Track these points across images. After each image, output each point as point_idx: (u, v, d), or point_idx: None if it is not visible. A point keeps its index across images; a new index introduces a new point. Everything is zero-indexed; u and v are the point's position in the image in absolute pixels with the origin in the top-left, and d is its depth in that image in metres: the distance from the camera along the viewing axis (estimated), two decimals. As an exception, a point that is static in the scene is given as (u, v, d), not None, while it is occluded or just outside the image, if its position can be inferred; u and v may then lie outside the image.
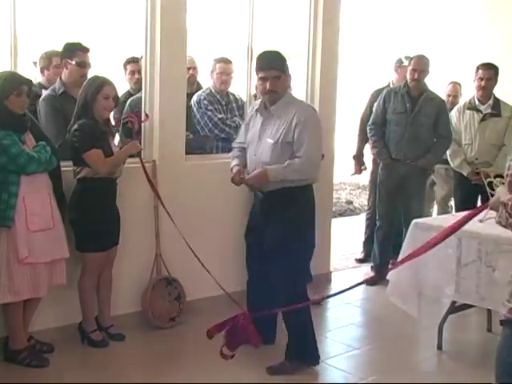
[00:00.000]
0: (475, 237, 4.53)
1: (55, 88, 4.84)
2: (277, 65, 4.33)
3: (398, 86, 6.36)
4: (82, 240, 4.52)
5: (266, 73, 4.28)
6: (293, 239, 4.33)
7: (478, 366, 4.61)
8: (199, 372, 4.34)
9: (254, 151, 4.40)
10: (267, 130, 4.35)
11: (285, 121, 4.30)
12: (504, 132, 6.12)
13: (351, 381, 4.29)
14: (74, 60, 4.76)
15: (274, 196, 4.31)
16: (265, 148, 4.32)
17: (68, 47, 4.88)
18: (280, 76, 4.30)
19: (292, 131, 4.27)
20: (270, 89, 4.28)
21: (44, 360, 4.31)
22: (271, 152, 4.29)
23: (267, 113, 4.37)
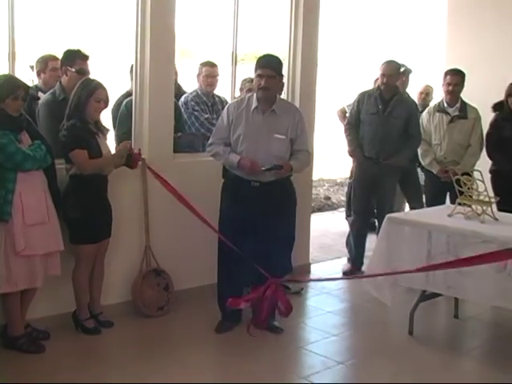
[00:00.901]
0: (444, 230, 4.59)
1: (55, 93, 4.79)
2: (273, 66, 4.56)
3: (372, 89, 6.37)
4: (75, 233, 4.50)
5: (262, 71, 4.50)
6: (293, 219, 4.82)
7: (446, 350, 4.70)
8: (186, 358, 4.35)
9: (257, 145, 4.51)
10: (273, 126, 4.56)
11: (288, 119, 4.62)
12: (470, 133, 6.12)
13: (330, 365, 4.30)
14: (74, 68, 4.72)
15: (273, 185, 4.55)
16: (276, 143, 4.56)
17: (68, 55, 4.84)
18: (275, 76, 4.54)
19: (296, 128, 4.64)
20: (265, 85, 4.48)
21: (40, 346, 4.31)
22: (282, 146, 4.59)
23: (270, 111, 4.57)
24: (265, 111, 4.58)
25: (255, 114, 4.58)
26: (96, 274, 4.70)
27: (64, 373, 4.06)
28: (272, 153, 4.52)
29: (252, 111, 4.58)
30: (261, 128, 4.55)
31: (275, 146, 4.55)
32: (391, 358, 4.60)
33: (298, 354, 4.55)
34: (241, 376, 4.14)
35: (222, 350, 4.61)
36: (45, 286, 4.36)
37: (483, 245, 4.34)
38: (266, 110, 4.57)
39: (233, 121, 4.60)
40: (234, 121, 4.59)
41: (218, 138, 4.67)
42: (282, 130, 4.57)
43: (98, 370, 4.14)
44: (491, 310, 5.29)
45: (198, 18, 7.48)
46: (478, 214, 4.70)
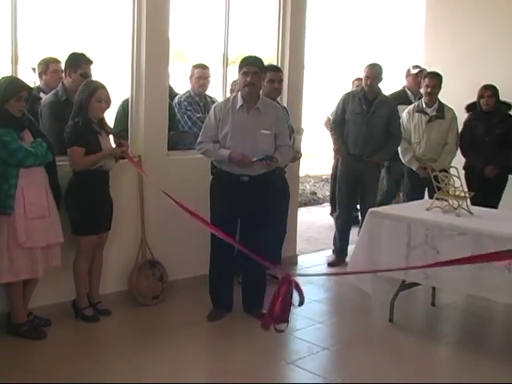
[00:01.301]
0: (422, 223, 4.60)
1: (58, 93, 4.79)
2: (257, 63, 4.64)
3: (356, 90, 6.39)
4: (76, 225, 4.52)
5: (248, 68, 4.56)
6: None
7: (424, 336, 4.74)
8: (179, 344, 4.37)
9: (244, 140, 4.55)
10: (259, 123, 4.61)
11: (271, 115, 4.69)
12: (447, 132, 6.16)
13: (315, 350, 4.33)
14: (79, 71, 4.71)
15: (262, 178, 4.62)
16: (262, 138, 4.61)
17: (73, 58, 4.82)
18: (259, 73, 4.61)
19: (278, 124, 4.72)
20: (251, 81, 4.54)
21: (42, 333, 4.33)
22: (268, 141, 4.64)
23: (255, 109, 4.61)
24: (250, 109, 4.62)
25: (241, 112, 4.61)
26: (95, 265, 4.71)
27: (65, 358, 4.07)
28: (258, 147, 4.56)
29: (238, 109, 4.61)
30: (247, 124, 4.59)
31: (262, 141, 4.60)
32: (372, 343, 4.64)
33: (286, 340, 4.54)
34: (231, 361, 4.18)
35: (213, 336, 4.63)
36: (46, 276, 4.37)
37: (459, 237, 4.39)
38: (250, 107, 4.61)
39: (220, 120, 4.62)
40: (222, 119, 4.61)
41: (206, 136, 4.68)
42: (267, 125, 4.63)
43: (96, 355, 4.17)
44: (465, 299, 5.33)
45: (190, 22, 7.47)
46: (454, 208, 4.74)
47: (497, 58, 6.66)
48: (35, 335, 4.28)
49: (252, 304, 4.88)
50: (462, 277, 4.38)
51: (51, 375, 3.83)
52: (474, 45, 6.90)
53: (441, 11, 7.31)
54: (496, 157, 5.92)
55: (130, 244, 5.04)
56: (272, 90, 5.42)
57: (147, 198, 5.10)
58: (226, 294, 4.87)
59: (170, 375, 3.90)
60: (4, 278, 4.14)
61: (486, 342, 4.63)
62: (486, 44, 6.81)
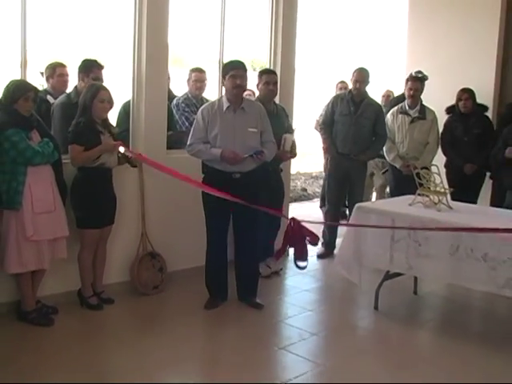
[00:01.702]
0: (405, 217, 4.60)
1: (70, 96, 4.80)
2: (243, 66, 4.68)
3: (344, 93, 6.42)
4: (80, 218, 4.55)
5: (236, 71, 4.59)
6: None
7: (407, 322, 4.76)
8: (178, 330, 4.39)
9: (234, 139, 4.57)
10: (246, 122, 4.63)
11: (255, 115, 4.70)
12: (428, 132, 6.19)
13: (305, 336, 4.36)
14: (91, 76, 4.73)
15: (254, 174, 4.66)
16: (250, 136, 4.64)
17: (86, 64, 4.86)
18: (245, 75, 4.65)
19: (262, 122, 4.74)
20: (240, 83, 4.57)
21: (50, 320, 4.36)
22: (256, 138, 4.68)
23: (240, 109, 4.64)
24: (236, 109, 4.63)
25: (228, 113, 4.62)
26: (99, 257, 4.73)
27: (71, 342, 4.10)
28: (247, 144, 4.60)
29: (225, 111, 4.62)
30: (235, 124, 4.61)
31: (250, 139, 4.63)
32: (359, 329, 4.69)
33: (277, 327, 4.57)
34: (226, 346, 4.21)
35: (209, 323, 4.64)
36: (54, 267, 4.40)
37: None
38: (236, 108, 4.63)
39: (209, 122, 4.62)
40: (210, 122, 4.61)
41: (196, 138, 4.66)
42: (253, 124, 4.66)
43: (100, 340, 4.20)
44: (445, 287, 5.36)
45: (188, 29, 7.49)
46: (435, 203, 4.76)
47: (473, 64, 6.70)
48: (43, 322, 4.31)
49: (246, 293, 4.91)
50: (441, 267, 4.41)
51: (58, 358, 3.87)
52: (452, 52, 6.94)
53: (422, 21, 7.36)
54: (474, 155, 5.95)
55: (132, 237, 5.06)
56: (268, 91, 5.44)
57: (148, 195, 5.12)
58: (221, 284, 4.90)
59: (169, 359, 3.93)
60: (13, 269, 4.19)
61: (463, 327, 4.66)
62: (464, 51, 6.85)
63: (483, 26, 6.80)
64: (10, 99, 4.10)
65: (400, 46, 8.01)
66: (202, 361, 4.04)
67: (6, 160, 4.09)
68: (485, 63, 6.79)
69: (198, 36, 7.83)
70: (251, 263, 4.86)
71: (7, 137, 4.05)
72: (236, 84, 4.56)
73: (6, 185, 4.09)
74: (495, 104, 6.79)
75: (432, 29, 7.22)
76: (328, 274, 5.80)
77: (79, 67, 4.89)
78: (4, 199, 4.09)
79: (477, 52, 6.81)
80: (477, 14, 6.86)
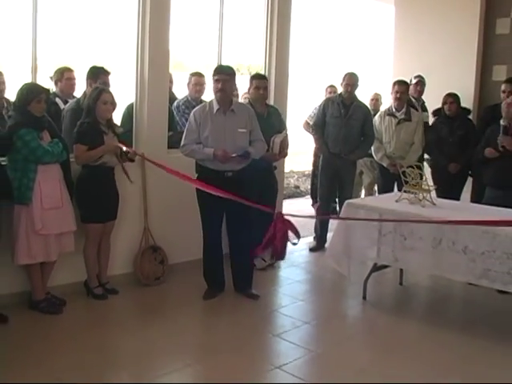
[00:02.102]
0: (392, 213, 4.62)
1: (79, 101, 4.82)
2: (227, 71, 4.66)
3: (334, 96, 6.43)
4: (84, 213, 4.57)
5: (219, 76, 4.60)
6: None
7: (393, 311, 4.79)
8: (178, 319, 4.42)
9: (225, 139, 4.57)
10: (235, 123, 4.63)
11: (244, 116, 4.70)
12: (414, 133, 6.22)
13: (298, 324, 4.38)
14: (98, 81, 4.75)
15: (245, 172, 4.67)
16: (239, 136, 4.64)
17: (93, 70, 4.88)
18: (229, 79, 4.62)
19: (251, 122, 4.74)
20: (221, 87, 4.55)
21: (59, 308, 4.40)
22: (245, 138, 4.68)
23: (230, 111, 4.63)
24: (226, 111, 4.63)
25: (218, 115, 4.62)
26: (103, 250, 4.76)
27: (78, 330, 4.14)
28: (237, 144, 4.61)
29: (215, 113, 4.62)
30: (225, 125, 4.61)
31: (239, 139, 4.64)
32: (348, 318, 4.73)
33: (272, 316, 4.60)
34: (223, 334, 4.23)
35: (207, 312, 4.67)
36: (62, 259, 4.43)
37: (423, 224, 4.39)
38: (226, 110, 4.63)
39: (200, 123, 4.61)
40: (202, 123, 4.61)
41: (189, 139, 4.65)
42: (243, 124, 4.67)
43: (105, 328, 4.22)
44: (429, 278, 5.39)
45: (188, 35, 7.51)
46: (420, 199, 4.79)
47: (456, 69, 6.73)
48: (53, 310, 4.35)
49: (242, 285, 4.92)
50: (425, 259, 4.44)
51: (67, 343, 3.91)
52: (437, 58, 6.96)
53: (408, 29, 7.39)
54: (458, 155, 5.97)
55: (135, 232, 5.09)
56: (258, 95, 5.48)
57: (150, 191, 5.15)
58: (218, 276, 4.92)
59: (170, 346, 3.97)
60: (23, 260, 4.23)
61: (445, 315, 4.70)
62: (448, 57, 6.88)
63: (466, 33, 6.85)
64: (24, 101, 4.13)
65: (387, 52, 8.04)
66: (201, 347, 4.06)
67: (18, 158, 4.13)
68: (466, 68, 6.84)
69: (198, 42, 7.85)
70: (245, 257, 4.85)
71: (20, 136, 4.09)
72: (218, 88, 4.56)
73: (18, 181, 4.13)
74: (475, 107, 6.84)
75: (417, 35, 7.26)
76: (319, 266, 5.81)
77: (87, 74, 4.92)
78: (15, 195, 4.12)
79: (458, 58, 6.85)
80: (458, 22, 6.90)
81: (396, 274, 5.39)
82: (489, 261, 4.12)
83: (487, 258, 4.13)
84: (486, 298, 4.94)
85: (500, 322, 4.58)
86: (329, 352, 4.01)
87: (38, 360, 3.67)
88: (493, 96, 6.47)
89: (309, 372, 3.75)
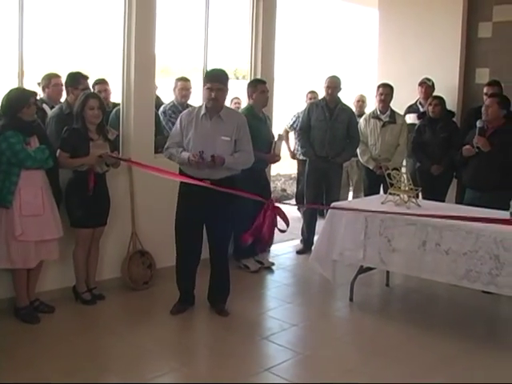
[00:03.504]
0: (377, 215, 4.62)
1: (62, 107, 4.84)
2: (222, 80, 4.45)
3: (318, 100, 6.48)
4: (73, 218, 4.57)
5: (212, 85, 4.38)
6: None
7: (379, 313, 4.85)
8: (166, 322, 4.44)
9: (205, 145, 4.35)
10: (220, 130, 4.42)
11: (232, 124, 4.47)
12: (398, 135, 6.29)
13: (285, 327, 4.40)
14: (80, 87, 4.76)
15: (224, 181, 4.42)
16: (222, 144, 4.41)
17: (72, 77, 4.87)
18: (223, 89, 4.44)
19: (238, 131, 4.48)
20: (215, 97, 4.37)
21: (35, 318, 4.31)
22: (227, 147, 4.44)
23: (217, 117, 4.44)
24: (212, 117, 4.44)
25: (204, 120, 4.45)
26: (92, 255, 4.74)
27: (66, 334, 4.14)
28: (217, 152, 4.36)
29: (201, 117, 4.46)
30: (208, 131, 4.42)
31: (220, 146, 4.40)
32: (335, 320, 4.75)
33: (260, 319, 4.61)
34: (212, 336, 4.26)
35: (196, 316, 4.65)
36: (52, 264, 4.45)
37: (408, 226, 4.45)
38: (213, 115, 4.44)
39: (185, 126, 4.47)
40: (186, 126, 4.47)
41: (172, 142, 4.52)
42: (228, 132, 4.44)
43: (94, 333, 4.21)
44: (415, 279, 5.33)
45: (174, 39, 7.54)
46: (405, 201, 4.83)
47: (441, 73, 6.79)
48: (29, 319, 4.28)
49: (216, 298, 4.71)
50: (410, 261, 4.48)
51: (54, 350, 3.90)
52: (421, 60, 7.03)
53: (392, 32, 7.45)
54: (441, 157, 6.03)
55: (123, 236, 5.09)
56: (265, 99, 5.66)
57: (137, 197, 5.16)
58: (189, 287, 4.71)
59: (158, 349, 3.98)
60: (1, 264, 4.19)
61: (431, 316, 4.73)
62: (431, 60, 6.94)
63: (448, 36, 6.93)
64: (14, 110, 4.11)
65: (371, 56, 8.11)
66: (189, 351, 4.07)
67: (2, 160, 4.10)
68: (449, 71, 6.91)
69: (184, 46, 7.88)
70: (223, 269, 4.69)
71: (5, 138, 4.07)
72: (211, 97, 4.37)
73: (0, 183, 4.10)
74: (459, 109, 6.91)
75: (401, 38, 7.32)
76: (306, 268, 5.80)
77: (66, 81, 4.92)
78: None
79: (442, 61, 6.92)
80: (441, 26, 6.97)
81: (382, 275, 5.43)
82: (471, 261, 4.17)
83: (469, 259, 4.17)
84: (470, 298, 4.99)
85: (483, 322, 4.66)
86: (316, 354, 4.03)
87: (26, 365, 3.66)
88: (476, 98, 6.54)
89: (297, 374, 3.78)
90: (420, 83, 6.69)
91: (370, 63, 8.51)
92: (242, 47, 6.24)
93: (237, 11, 6.39)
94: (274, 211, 4.08)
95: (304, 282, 5.60)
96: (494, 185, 5.11)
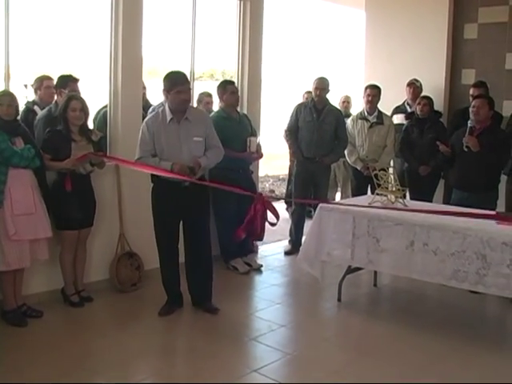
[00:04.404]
0: (365, 216, 4.65)
1: (51, 109, 4.82)
2: (188, 81, 4.54)
3: (307, 101, 6.49)
4: (59, 220, 4.54)
5: (183, 87, 4.37)
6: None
7: (367, 312, 4.86)
8: (155, 325, 4.43)
9: (180, 149, 4.37)
10: (190, 131, 4.42)
11: (201, 123, 4.49)
12: (386, 136, 6.31)
13: (274, 328, 4.40)
14: (67, 89, 4.74)
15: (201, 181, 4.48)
16: (195, 145, 4.42)
17: (62, 79, 4.86)
18: (190, 89, 4.54)
19: (207, 129, 4.52)
20: (187, 99, 4.42)
21: (23, 320, 4.30)
22: (201, 147, 4.47)
23: (184, 120, 4.42)
24: (180, 120, 4.41)
25: (172, 125, 4.40)
26: (79, 257, 4.73)
27: (55, 338, 4.12)
28: (193, 153, 4.40)
29: (169, 122, 4.40)
30: (180, 135, 4.40)
31: (195, 148, 4.43)
32: (324, 320, 4.76)
33: (248, 320, 4.61)
34: (200, 337, 4.22)
35: (184, 317, 4.66)
36: (39, 267, 4.42)
37: (396, 226, 4.47)
38: (180, 119, 4.41)
39: (154, 133, 4.39)
40: (155, 133, 4.39)
41: (144, 150, 4.41)
42: (199, 133, 4.45)
43: (82, 335, 4.20)
44: (403, 279, 5.35)
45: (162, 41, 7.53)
46: (392, 202, 4.84)
47: (427, 74, 6.83)
48: (16, 322, 4.27)
49: (200, 298, 4.71)
50: (398, 261, 4.50)
51: (42, 352, 3.88)
52: (407, 61, 7.07)
53: (379, 33, 7.48)
54: (428, 158, 6.05)
55: (111, 238, 5.08)
56: (235, 100, 5.65)
57: (125, 198, 5.15)
58: (176, 288, 4.72)
59: (147, 350, 3.98)
60: None
61: (419, 316, 4.75)
62: (418, 61, 6.99)
63: (434, 37, 6.97)
64: None
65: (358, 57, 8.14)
66: (177, 352, 4.07)
67: None
68: (436, 72, 6.94)
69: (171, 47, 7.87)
70: (204, 268, 4.67)
71: None
72: (183, 100, 4.35)
73: None
74: (445, 110, 6.96)
75: (387, 40, 7.36)
76: (295, 269, 5.82)
77: (56, 83, 4.93)
78: None
79: (428, 62, 6.96)
80: (427, 27, 7.01)
81: (370, 275, 5.45)
82: (458, 261, 4.19)
83: (457, 259, 4.19)
84: (457, 298, 5.02)
85: (471, 322, 4.67)
86: (305, 354, 4.04)
87: (14, 368, 3.64)
88: (462, 99, 6.59)
89: (285, 374, 3.78)
90: (408, 84, 6.73)
91: (357, 64, 8.54)
92: (230, 48, 6.25)
93: (224, 12, 6.40)
94: (263, 205, 4.09)
95: (292, 283, 5.61)
96: (481, 185, 5.15)
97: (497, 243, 4.05)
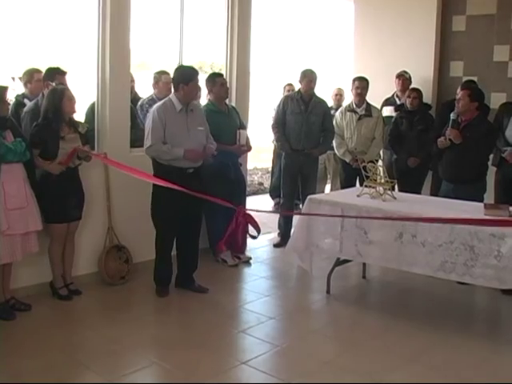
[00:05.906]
0: (354, 208, 4.67)
1: (38, 102, 4.78)
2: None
3: (293, 93, 6.48)
4: (47, 214, 4.52)
5: (197, 81, 4.78)
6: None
7: (356, 304, 4.88)
8: (143, 317, 4.45)
9: (189, 138, 4.69)
10: (195, 122, 4.78)
11: (201, 115, 4.95)
12: (374, 128, 6.33)
13: (263, 320, 4.42)
14: (55, 82, 4.70)
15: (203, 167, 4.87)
16: (200, 134, 4.81)
17: (49, 71, 4.84)
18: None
19: (204, 121, 4.93)
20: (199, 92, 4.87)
21: (12, 314, 4.30)
22: (204, 135, 4.86)
23: (190, 111, 4.77)
24: (187, 110, 4.76)
25: (181, 114, 4.72)
26: (67, 250, 4.72)
27: (44, 331, 4.11)
28: (199, 142, 4.78)
29: (179, 112, 4.71)
30: (188, 124, 4.73)
31: (200, 136, 4.80)
32: (313, 312, 4.78)
33: (237, 312, 4.63)
34: (188, 330, 4.24)
35: (173, 310, 4.69)
36: (28, 260, 4.40)
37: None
38: (187, 109, 4.76)
39: (166, 122, 4.64)
40: (167, 122, 4.64)
41: (156, 138, 4.62)
42: (201, 123, 4.86)
43: (71, 328, 4.22)
44: (391, 271, 5.38)
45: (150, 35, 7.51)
46: (381, 194, 4.85)
47: (416, 66, 6.86)
48: (5, 315, 4.27)
49: (188, 280, 4.99)
50: (386, 253, 4.52)
51: (31, 344, 3.88)
52: (396, 53, 7.09)
53: (367, 25, 7.50)
54: (417, 150, 6.08)
55: (99, 231, 5.08)
56: (225, 92, 5.71)
57: (113, 191, 5.14)
58: (169, 274, 4.98)
59: (135, 343, 3.98)
60: None
61: (407, 307, 4.79)
62: (407, 53, 7.01)
63: (423, 30, 6.99)
64: None
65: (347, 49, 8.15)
66: (166, 344, 4.06)
67: None
68: (424, 64, 6.97)
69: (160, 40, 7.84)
70: (194, 253, 5.00)
71: None
72: (196, 95, 4.91)
73: None
74: (434, 102, 6.99)
75: (377, 32, 7.38)
76: (284, 262, 5.85)
77: (44, 76, 4.90)
78: None
79: (417, 54, 6.98)
80: (416, 19, 7.03)
81: (359, 267, 5.48)
82: (446, 252, 4.21)
83: (445, 250, 4.22)
84: (446, 290, 5.07)
85: (459, 313, 4.72)
86: (294, 346, 4.06)
87: (2, 361, 3.64)
88: (451, 91, 6.60)
89: (274, 366, 3.79)
90: (397, 76, 6.75)
91: (346, 56, 8.54)
92: (218, 41, 6.23)
93: (212, 4, 6.38)
94: (244, 219, 4.12)
95: (281, 275, 5.63)
96: (467, 177, 5.17)
97: (485, 234, 4.07)
